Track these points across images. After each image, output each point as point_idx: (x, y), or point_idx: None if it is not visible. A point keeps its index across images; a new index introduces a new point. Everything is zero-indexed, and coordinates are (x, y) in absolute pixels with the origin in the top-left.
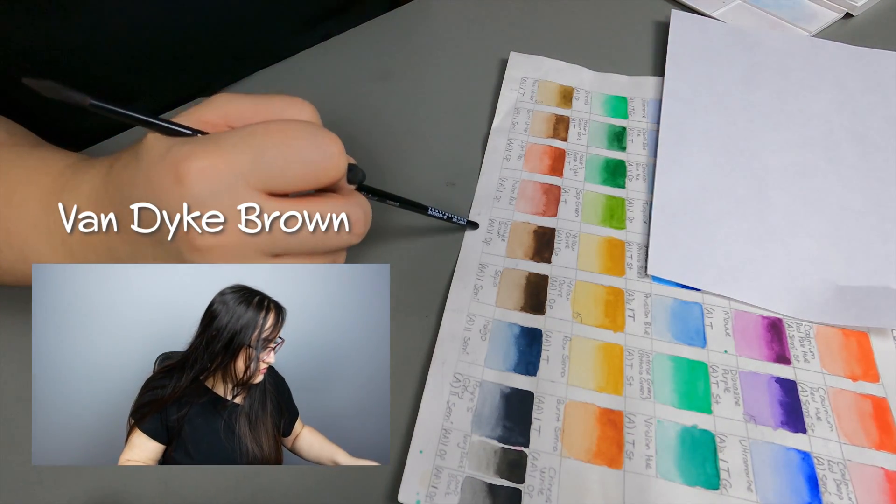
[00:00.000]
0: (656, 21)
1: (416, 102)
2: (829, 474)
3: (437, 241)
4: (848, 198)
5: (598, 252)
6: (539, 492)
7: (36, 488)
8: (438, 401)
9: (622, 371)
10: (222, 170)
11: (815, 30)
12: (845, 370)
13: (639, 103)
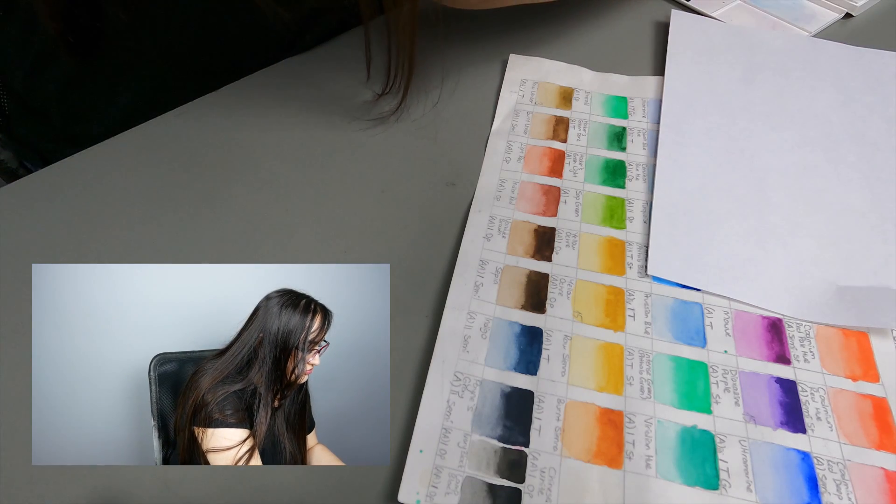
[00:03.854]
0: (656, 21)
1: (417, 102)
2: (828, 474)
3: (437, 240)
4: (848, 198)
5: (598, 251)
6: (539, 491)
7: (36, 488)
8: (438, 400)
9: (622, 371)
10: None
11: (815, 30)
12: (845, 370)
13: (639, 103)
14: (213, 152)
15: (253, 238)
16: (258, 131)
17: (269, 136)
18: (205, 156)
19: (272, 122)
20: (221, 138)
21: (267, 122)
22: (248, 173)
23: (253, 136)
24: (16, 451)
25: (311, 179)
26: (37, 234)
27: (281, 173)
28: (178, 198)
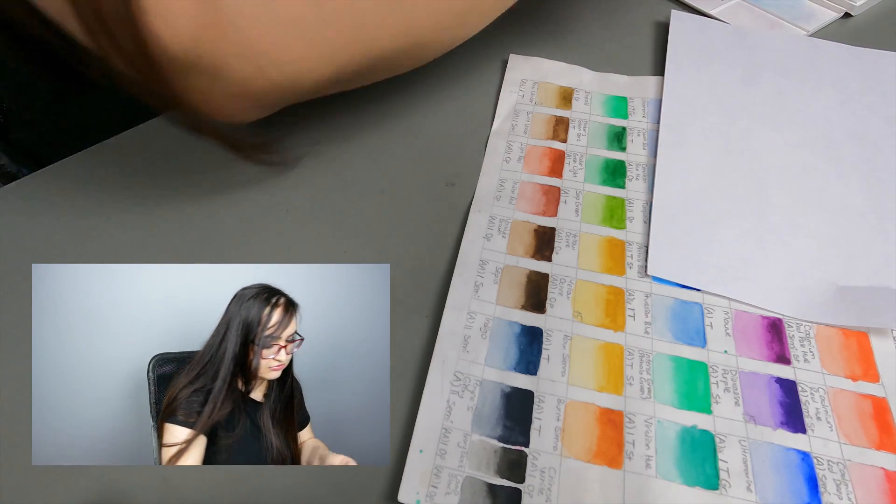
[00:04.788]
0: (656, 21)
1: (417, 102)
2: (828, 474)
3: (436, 240)
4: (848, 198)
5: (598, 251)
6: (539, 491)
7: (36, 488)
8: (438, 400)
9: (622, 371)
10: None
11: (814, 29)
12: (845, 370)
13: (639, 103)
14: (212, 152)
15: (253, 238)
16: (258, 131)
17: (269, 136)
18: (205, 156)
19: (272, 122)
20: None
21: (267, 121)
22: (247, 173)
23: (253, 137)
24: (16, 451)
25: (311, 179)
26: (37, 234)
27: (281, 173)
28: (178, 198)
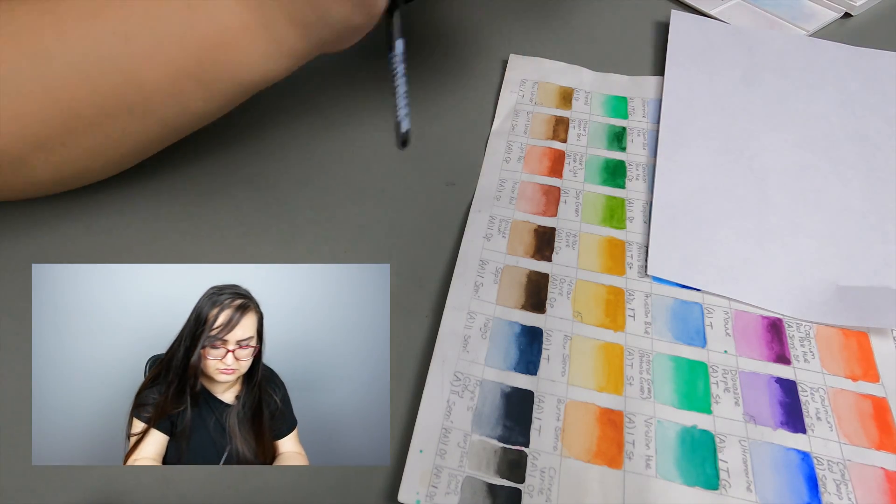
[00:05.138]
0: (656, 21)
1: (417, 102)
2: (828, 474)
3: (436, 240)
4: (848, 198)
5: (598, 251)
6: (539, 491)
7: (36, 488)
8: (438, 400)
9: (622, 371)
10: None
11: (814, 29)
12: (845, 370)
13: (639, 103)
14: (213, 152)
15: (253, 238)
16: (258, 131)
17: (268, 136)
18: (204, 155)
19: (272, 122)
20: (221, 138)
21: (267, 121)
22: (248, 173)
23: (253, 136)
24: (16, 451)
25: (311, 179)
26: (37, 234)
27: (281, 173)
28: (178, 198)
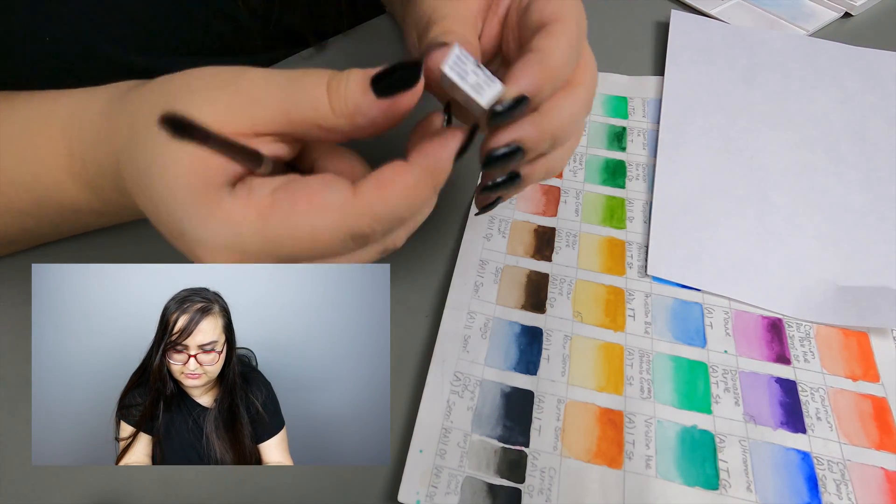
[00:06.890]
0: (656, 21)
1: None
2: (828, 474)
3: (437, 240)
4: (848, 198)
5: (598, 251)
6: (539, 491)
7: (36, 488)
8: (438, 400)
9: (622, 371)
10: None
11: (814, 29)
12: (845, 370)
13: (639, 103)
14: None
15: None
16: None
17: None
18: None
19: None
20: None
21: None
22: None
23: None
24: (16, 451)
25: None
26: None
27: None
28: None
